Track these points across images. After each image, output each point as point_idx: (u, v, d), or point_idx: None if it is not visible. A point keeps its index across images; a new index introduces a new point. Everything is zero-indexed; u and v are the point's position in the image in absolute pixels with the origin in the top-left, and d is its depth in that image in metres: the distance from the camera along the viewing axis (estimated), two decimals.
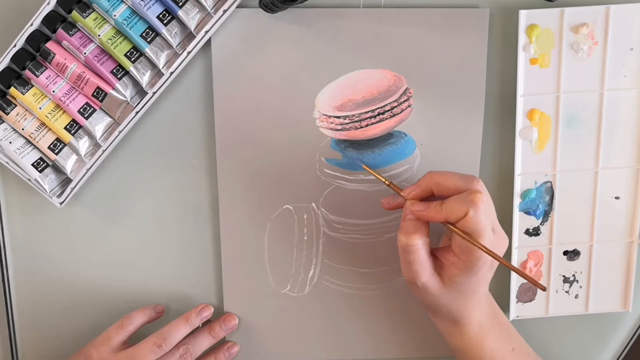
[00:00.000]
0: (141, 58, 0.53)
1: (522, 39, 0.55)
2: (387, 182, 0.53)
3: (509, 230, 0.59)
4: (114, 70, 0.53)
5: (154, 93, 0.54)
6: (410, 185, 0.52)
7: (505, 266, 0.49)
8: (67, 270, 0.59)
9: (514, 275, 0.60)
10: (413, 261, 0.50)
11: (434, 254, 0.52)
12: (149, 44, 0.53)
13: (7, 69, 0.53)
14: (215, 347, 0.59)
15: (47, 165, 0.55)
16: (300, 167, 0.58)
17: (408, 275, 0.51)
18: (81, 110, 0.54)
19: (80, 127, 0.54)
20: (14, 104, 0.54)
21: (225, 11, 0.52)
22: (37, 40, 0.53)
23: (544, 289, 0.48)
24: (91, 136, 0.55)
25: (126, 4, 0.52)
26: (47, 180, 0.55)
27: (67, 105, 0.53)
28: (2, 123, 0.54)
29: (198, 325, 0.57)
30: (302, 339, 0.62)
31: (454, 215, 0.48)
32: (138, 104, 0.54)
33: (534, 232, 0.60)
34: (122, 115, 0.55)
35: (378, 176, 0.54)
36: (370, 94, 0.56)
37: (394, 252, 0.60)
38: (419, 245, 0.49)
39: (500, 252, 0.51)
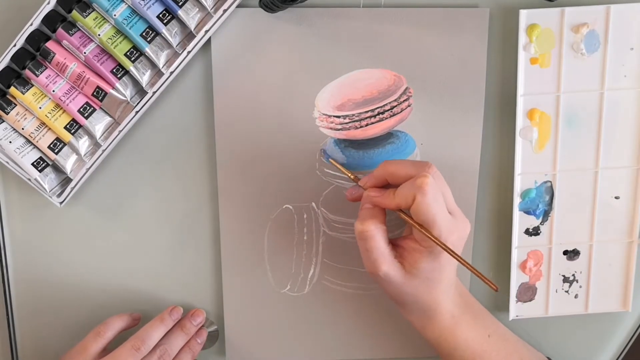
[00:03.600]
0: (141, 58, 0.53)
1: (522, 38, 0.55)
2: (351, 175, 0.53)
3: (509, 230, 0.59)
4: (114, 70, 0.53)
5: (154, 93, 0.54)
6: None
7: (452, 256, 0.48)
8: (66, 269, 0.59)
9: (513, 275, 0.60)
10: (371, 249, 0.49)
11: (394, 242, 0.51)
12: (149, 43, 0.53)
13: (7, 68, 0.53)
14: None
15: (47, 164, 0.55)
16: (300, 167, 0.58)
17: (369, 265, 0.50)
18: (81, 109, 0.54)
19: (80, 126, 0.54)
20: (14, 104, 0.54)
21: (225, 11, 0.52)
22: (37, 39, 0.53)
23: (495, 289, 0.48)
24: (91, 136, 0.55)
25: (126, 3, 0.52)
26: (47, 180, 0.55)
27: (67, 105, 0.53)
28: (2, 122, 0.54)
29: (171, 326, 0.58)
30: (302, 339, 0.62)
31: (404, 201, 0.48)
32: (138, 103, 0.54)
33: (533, 232, 0.60)
34: (122, 114, 0.55)
35: (344, 170, 0.53)
36: (370, 94, 0.56)
37: None
38: (374, 231, 0.49)
39: (462, 236, 0.50)
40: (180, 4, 0.52)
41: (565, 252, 0.61)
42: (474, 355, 0.54)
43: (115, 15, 0.52)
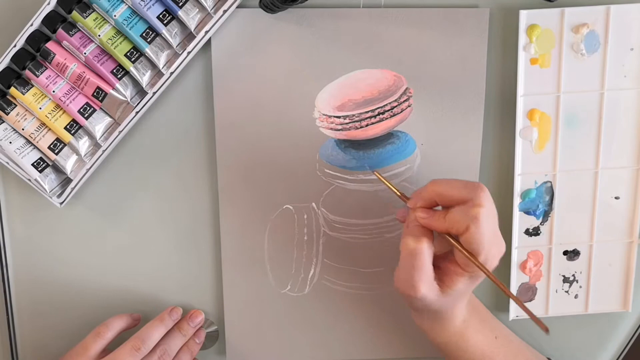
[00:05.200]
0: (141, 58, 0.53)
1: (522, 39, 0.55)
2: (398, 192, 0.52)
3: (508, 230, 0.59)
4: (114, 70, 0.53)
5: (154, 93, 0.54)
6: (416, 190, 0.50)
7: (500, 288, 0.47)
8: (66, 270, 0.59)
9: (513, 275, 0.60)
10: (417, 267, 0.47)
11: (433, 263, 0.49)
12: (149, 44, 0.53)
13: (7, 69, 0.53)
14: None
15: (47, 165, 0.55)
16: (300, 167, 0.58)
17: (407, 283, 0.48)
18: (81, 110, 0.54)
19: (81, 127, 0.54)
20: (14, 104, 0.54)
21: (225, 11, 0.52)
22: (37, 40, 0.53)
23: (546, 330, 0.45)
24: (91, 136, 0.55)
25: (126, 4, 0.52)
26: (47, 180, 0.55)
27: (67, 105, 0.53)
28: (2, 123, 0.54)
29: (171, 326, 0.58)
30: (302, 339, 0.62)
31: (455, 228, 0.46)
32: (138, 104, 0.54)
33: (533, 232, 0.60)
34: (122, 115, 0.55)
35: (390, 186, 0.52)
36: (370, 94, 0.56)
37: (394, 252, 0.60)
38: (426, 249, 0.47)
39: (500, 257, 0.49)
40: (180, 4, 0.52)
41: (565, 252, 0.61)
42: (482, 357, 0.53)
43: (115, 15, 0.52)
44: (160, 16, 0.52)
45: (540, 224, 0.59)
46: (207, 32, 0.52)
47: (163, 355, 0.55)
